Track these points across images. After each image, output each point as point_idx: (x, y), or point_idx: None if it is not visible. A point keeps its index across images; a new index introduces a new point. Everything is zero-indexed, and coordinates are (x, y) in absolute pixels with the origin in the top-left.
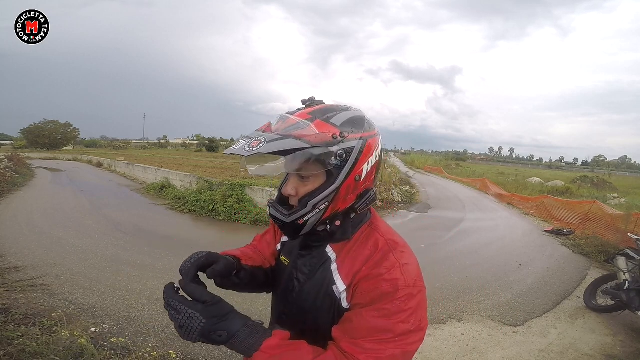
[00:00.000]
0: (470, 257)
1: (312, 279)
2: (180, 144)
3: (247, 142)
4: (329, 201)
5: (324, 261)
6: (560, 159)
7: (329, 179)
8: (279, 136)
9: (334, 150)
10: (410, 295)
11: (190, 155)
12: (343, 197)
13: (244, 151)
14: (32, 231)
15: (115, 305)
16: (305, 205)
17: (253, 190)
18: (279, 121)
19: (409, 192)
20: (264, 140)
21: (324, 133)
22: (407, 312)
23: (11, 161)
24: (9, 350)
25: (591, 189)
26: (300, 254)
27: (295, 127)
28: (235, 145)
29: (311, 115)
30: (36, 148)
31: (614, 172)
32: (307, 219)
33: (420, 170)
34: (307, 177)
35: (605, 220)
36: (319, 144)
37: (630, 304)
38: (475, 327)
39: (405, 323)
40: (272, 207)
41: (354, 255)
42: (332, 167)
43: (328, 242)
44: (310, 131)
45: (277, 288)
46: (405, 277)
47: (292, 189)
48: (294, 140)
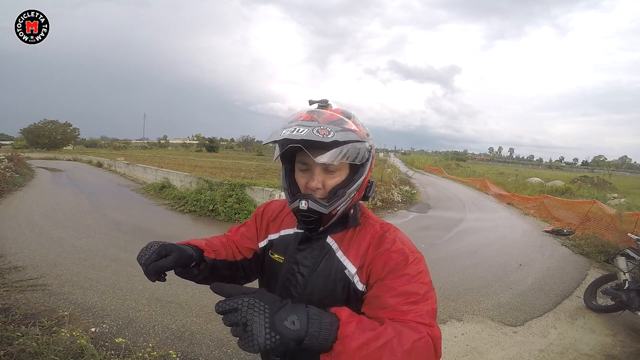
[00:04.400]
0: (470, 257)
1: (317, 270)
2: (180, 144)
3: (310, 129)
4: (357, 190)
5: (326, 251)
6: (560, 159)
7: (353, 172)
8: (340, 128)
9: (367, 146)
10: (418, 260)
11: (190, 155)
12: (364, 187)
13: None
14: (32, 231)
15: (115, 305)
16: (344, 195)
17: (253, 190)
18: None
19: (409, 192)
20: (332, 130)
21: (362, 130)
22: (423, 273)
23: (11, 161)
24: (9, 350)
25: (591, 189)
26: (299, 248)
27: (341, 122)
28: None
29: (344, 115)
30: (36, 148)
31: (614, 172)
32: (340, 208)
33: (420, 170)
34: (334, 170)
35: (605, 220)
36: (363, 139)
37: (630, 304)
38: (475, 327)
39: (425, 283)
40: (311, 200)
41: (357, 241)
42: (364, 161)
43: (329, 233)
44: (354, 127)
45: (271, 286)
46: (407, 246)
47: (318, 182)
48: (353, 133)
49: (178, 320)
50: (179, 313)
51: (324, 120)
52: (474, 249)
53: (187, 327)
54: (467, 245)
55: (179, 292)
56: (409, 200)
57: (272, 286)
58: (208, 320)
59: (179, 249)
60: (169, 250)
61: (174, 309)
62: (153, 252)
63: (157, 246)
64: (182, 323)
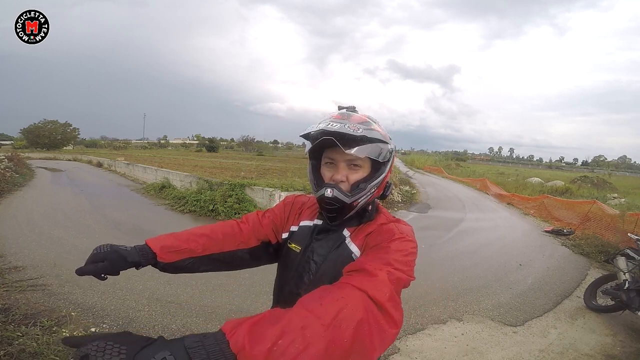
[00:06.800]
0: (470, 257)
1: (328, 258)
2: (180, 144)
3: (342, 124)
4: (377, 186)
5: (340, 242)
6: (560, 159)
7: (374, 170)
8: (368, 128)
9: (389, 147)
10: (405, 239)
11: (190, 155)
12: (383, 186)
13: (348, 130)
14: (32, 231)
15: (115, 305)
16: (365, 188)
17: (253, 190)
18: (349, 116)
19: (409, 192)
20: (361, 127)
21: (385, 134)
22: (404, 251)
23: (11, 161)
24: (9, 350)
25: (591, 189)
26: (317, 237)
27: (368, 124)
28: (327, 125)
29: (370, 119)
30: (36, 148)
31: (614, 172)
32: (361, 201)
33: (420, 170)
34: (358, 165)
35: (605, 220)
36: (386, 141)
37: (630, 304)
38: (475, 327)
39: (402, 261)
40: (336, 189)
41: (365, 229)
42: (385, 160)
43: (346, 226)
44: (379, 129)
45: (286, 274)
46: (400, 229)
47: (343, 175)
48: (378, 134)
49: (178, 320)
50: (179, 313)
51: (354, 120)
52: (474, 249)
53: (187, 327)
54: (467, 245)
55: (179, 292)
56: (409, 200)
57: (287, 274)
58: (208, 320)
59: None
60: (101, 258)
61: (174, 309)
62: (90, 256)
63: (96, 252)
64: (182, 323)
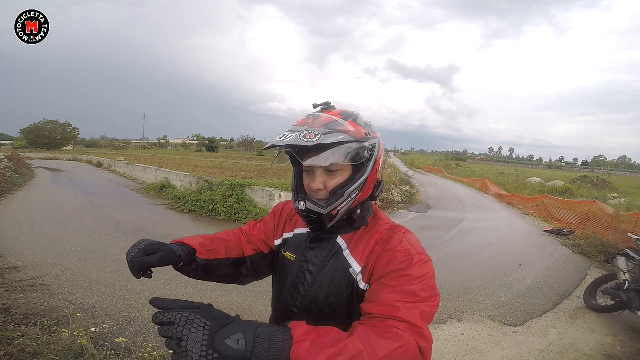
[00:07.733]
0: (470, 257)
1: (325, 268)
2: (180, 144)
3: (297, 134)
4: (359, 190)
5: (335, 251)
6: (560, 159)
7: (355, 172)
8: (329, 130)
9: (367, 145)
10: (424, 262)
11: (190, 155)
12: (368, 187)
13: (302, 141)
14: (32, 231)
15: (115, 305)
16: (342, 195)
17: (253, 190)
18: (315, 119)
19: (409, 192)
20: (319, 133)
21: (360, 130)
22: (427, 276)
23: (11, 161)
24: (9, 350)
25: (591, 189)
26: (310, 247)
27: (335, 124)
28: (281, 137)
29: (342, 116)
30: (36, 148)
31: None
32: (340, 208)
33: (420, 170)
34: (335, 170)
35: (605, 220)
36: (361, 139)
37: (630, 304)
38: (475, 327)
39: (428, 286)
40: (309, 201)
41: (365, 241)
42: (364, 160)
43: (339, 233)
44: (350, 128)
45: (281, 284)
46: (415, 247)
47: (320, 183)
48: (344, 134)
49: None
50: None
51: (319, 123)
52: (474, 249)
53: None
54: (467, 245)
55: (180, 292)
56: (409, 200)
57: (282, 284)
58: None
59: (167, 248)
60: (155, 249)
61: None
62: (140, 250)
63: (145, 244)
64: None
